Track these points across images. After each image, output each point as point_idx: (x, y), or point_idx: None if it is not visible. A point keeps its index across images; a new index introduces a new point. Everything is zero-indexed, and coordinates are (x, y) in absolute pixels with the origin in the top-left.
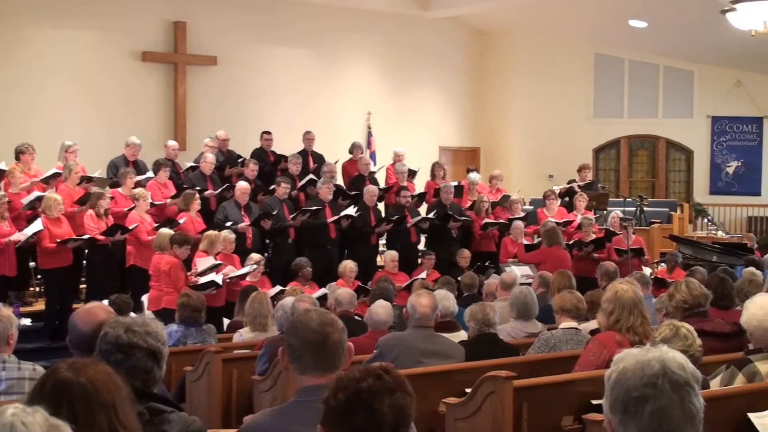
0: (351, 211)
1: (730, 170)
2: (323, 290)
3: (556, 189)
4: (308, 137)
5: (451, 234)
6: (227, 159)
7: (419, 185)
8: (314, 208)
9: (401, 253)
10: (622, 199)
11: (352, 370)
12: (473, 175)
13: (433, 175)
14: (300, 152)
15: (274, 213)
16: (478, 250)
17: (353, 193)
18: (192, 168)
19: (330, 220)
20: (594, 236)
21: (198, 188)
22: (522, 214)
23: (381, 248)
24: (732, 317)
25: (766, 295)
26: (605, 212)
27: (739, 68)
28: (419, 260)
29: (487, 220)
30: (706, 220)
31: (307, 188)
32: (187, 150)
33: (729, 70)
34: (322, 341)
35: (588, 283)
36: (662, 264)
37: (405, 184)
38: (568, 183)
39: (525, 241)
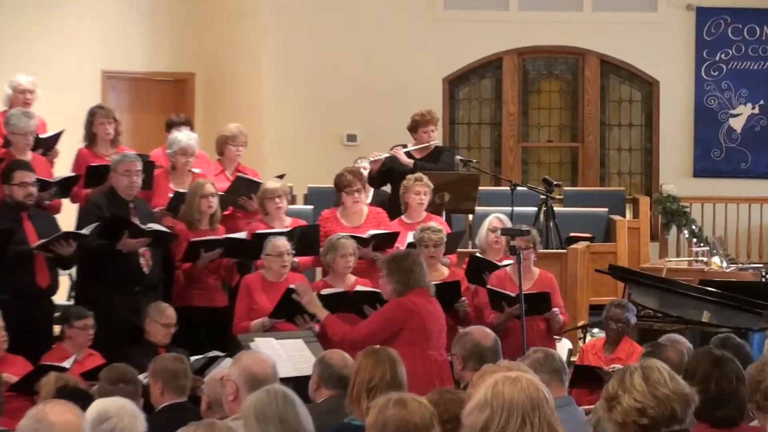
0: None
1: (737, 125)
2: None
3: (364, 165)
4: None
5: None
6: None
7: (64, 160)
8: None
9: (11, 307)
10: (507, 189)
11: None
12: (181, 137)
13: (90, 137)
14: None
15: None
16: (194, 305)
17: None
18: None
19: None
20: (446, 269)
21: None
22: (288, 224)
23: None
24: None
25: None
26: (471, 217)
27: None
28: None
29: (201, 237)
30: (686, 233)
31: None
32: None
33: None
34: None
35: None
36: (595, 330)
37: (28, 156)
38: (391, 150)
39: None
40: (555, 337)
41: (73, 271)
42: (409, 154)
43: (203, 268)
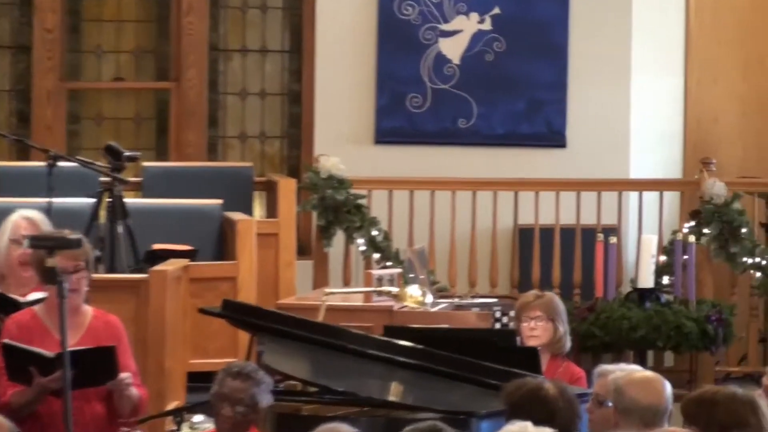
0: None
1: (453, 51)
2: None
3: None
4: None
5: None
6: None
7: None
8: None
9: None
10: (42, 164)
11: None
12: None
13: None
14: None
15: None
16: None
17: None
18: None
19: None
20: None
21: None
22: None
23: None
24: None
25: None
26: None
27: None
28: None
29: None
30: (361, 243)
31: None
32: None
33: None
34: None
35: None
36: (197, 419)
37: None
38: None
39: None
40: (124, 429)
41: None
42: None
43: None
